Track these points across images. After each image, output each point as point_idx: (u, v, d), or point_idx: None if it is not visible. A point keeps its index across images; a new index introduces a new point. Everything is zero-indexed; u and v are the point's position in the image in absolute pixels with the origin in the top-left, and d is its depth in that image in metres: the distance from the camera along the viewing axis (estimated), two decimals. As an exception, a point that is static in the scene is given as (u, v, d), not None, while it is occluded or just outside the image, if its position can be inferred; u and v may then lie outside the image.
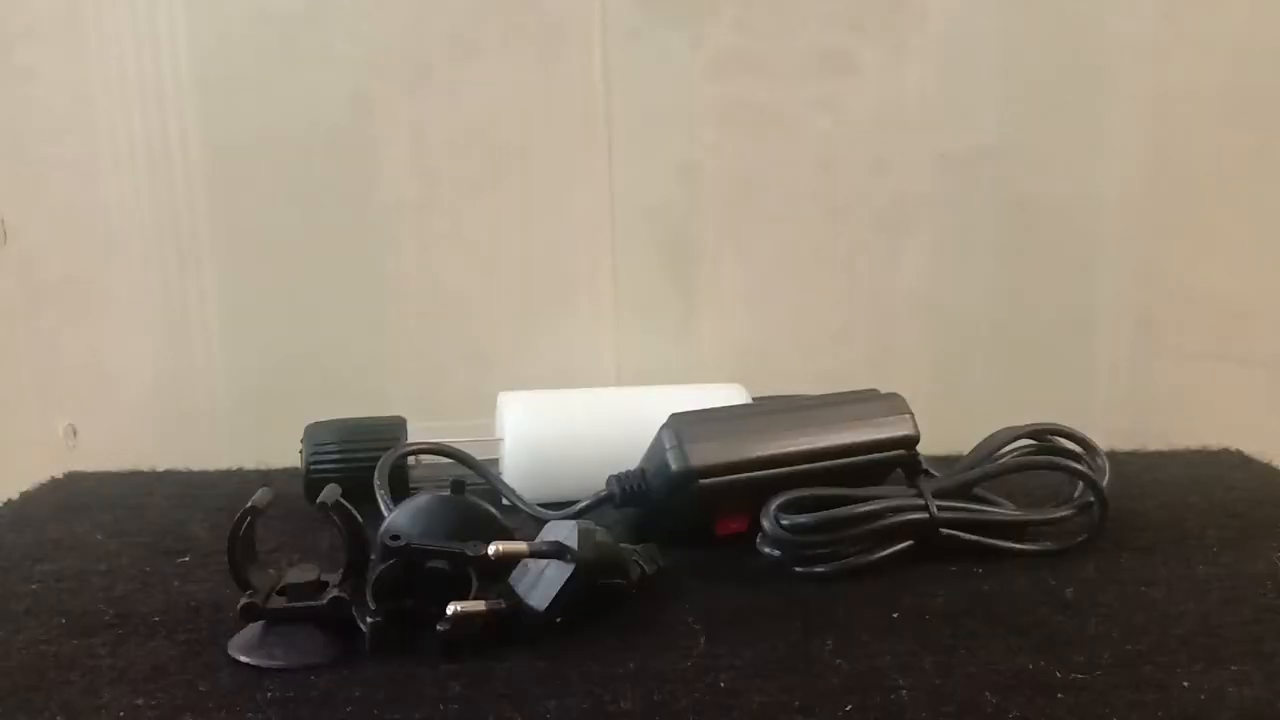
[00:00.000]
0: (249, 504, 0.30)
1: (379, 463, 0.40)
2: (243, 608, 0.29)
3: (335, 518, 0.30)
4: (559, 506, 0.40)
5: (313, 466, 0.43)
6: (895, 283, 0.56)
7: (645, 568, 0.33)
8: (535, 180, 0.55)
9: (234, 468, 0.51)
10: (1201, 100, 0.54)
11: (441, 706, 0.26)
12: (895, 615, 0.31)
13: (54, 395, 0.56)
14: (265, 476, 0.49)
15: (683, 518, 0.37)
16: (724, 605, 0.32)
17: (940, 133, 0.55)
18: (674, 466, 0.35)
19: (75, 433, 0.56)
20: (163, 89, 0.53)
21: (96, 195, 0.54)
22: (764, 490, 0.35)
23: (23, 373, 0.56)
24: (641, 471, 0.37)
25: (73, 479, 0.50)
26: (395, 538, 0.29)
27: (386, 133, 0.54)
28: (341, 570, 0.30)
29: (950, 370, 0.56)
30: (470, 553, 0.29)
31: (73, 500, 0.46)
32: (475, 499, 0.32)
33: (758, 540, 0.35)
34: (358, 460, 0.42)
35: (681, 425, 0.36)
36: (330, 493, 0.30)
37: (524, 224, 0.55)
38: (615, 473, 0.38)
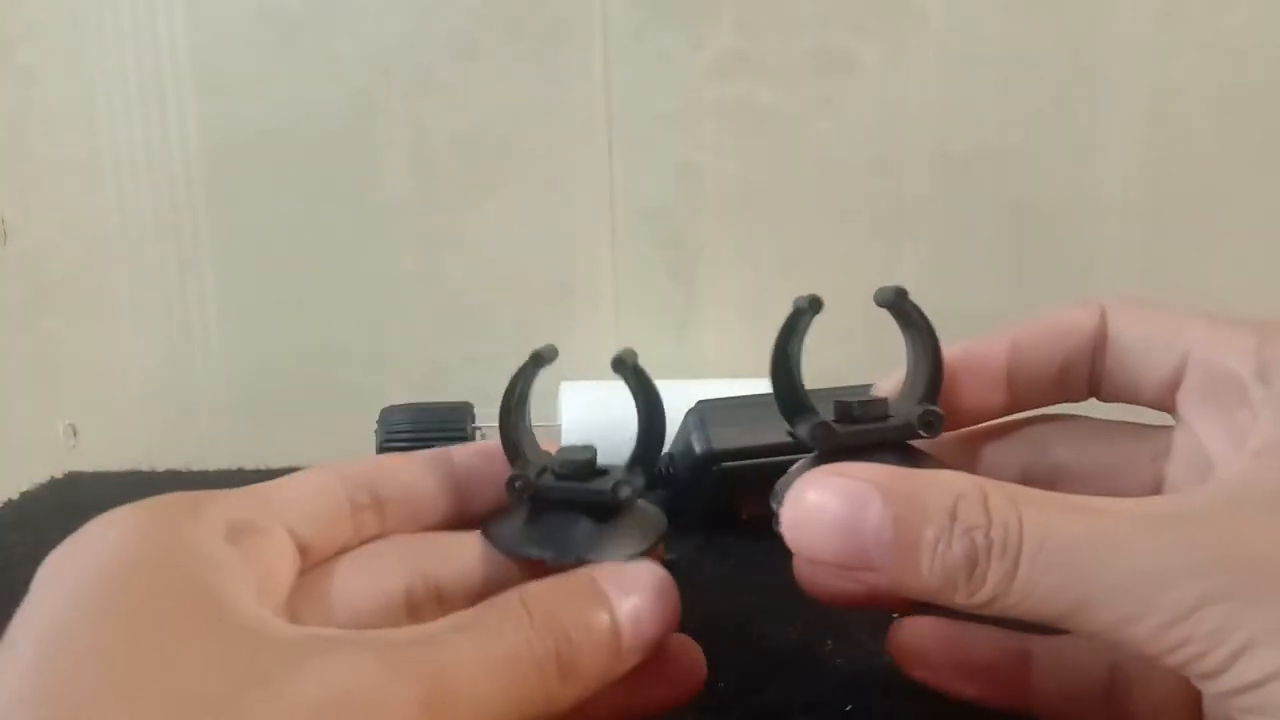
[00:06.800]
0: (534, 352, 0.25)
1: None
2: (511, 482, 0.24)
3: (631, 381, 0.25)
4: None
5: (385, 444, 0.45)
6: (895, 283, 0.56)
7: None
8: (535, 180, 0.55)
9: (234, 468, 0.51)
10: (1201, 100, 0.54)
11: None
12: (895, 615, 0.31)
13: (54, 395, 0.56)
14: (266, 476, 0.49)
15: (707, 501, 0.37)
16: (724, 604, 0.32)
17: (940, 133, 0.55)
18: (697, 449, 0.36)
19: (75, 433, 0.57)
20: (163, 89, 0.53)
21: (97, 195, 0.54)
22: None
23: (23, 373, 0.56)
24: (670, 455, 0.38)
25: (72, 479, 0.50)
26: None
27: (386, 133, 0.54)
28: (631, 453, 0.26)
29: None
30: None
31: (73, 500, 0.46)
32: None
33: (773, 523, 0.35)
34: (428, 441, 0.43)
35: (707, 410, 0.37)
36: (629, 353, 0.26)
37: (524, 224, 0.55)
38: None
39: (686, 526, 0.37)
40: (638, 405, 0.25)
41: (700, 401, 0.38)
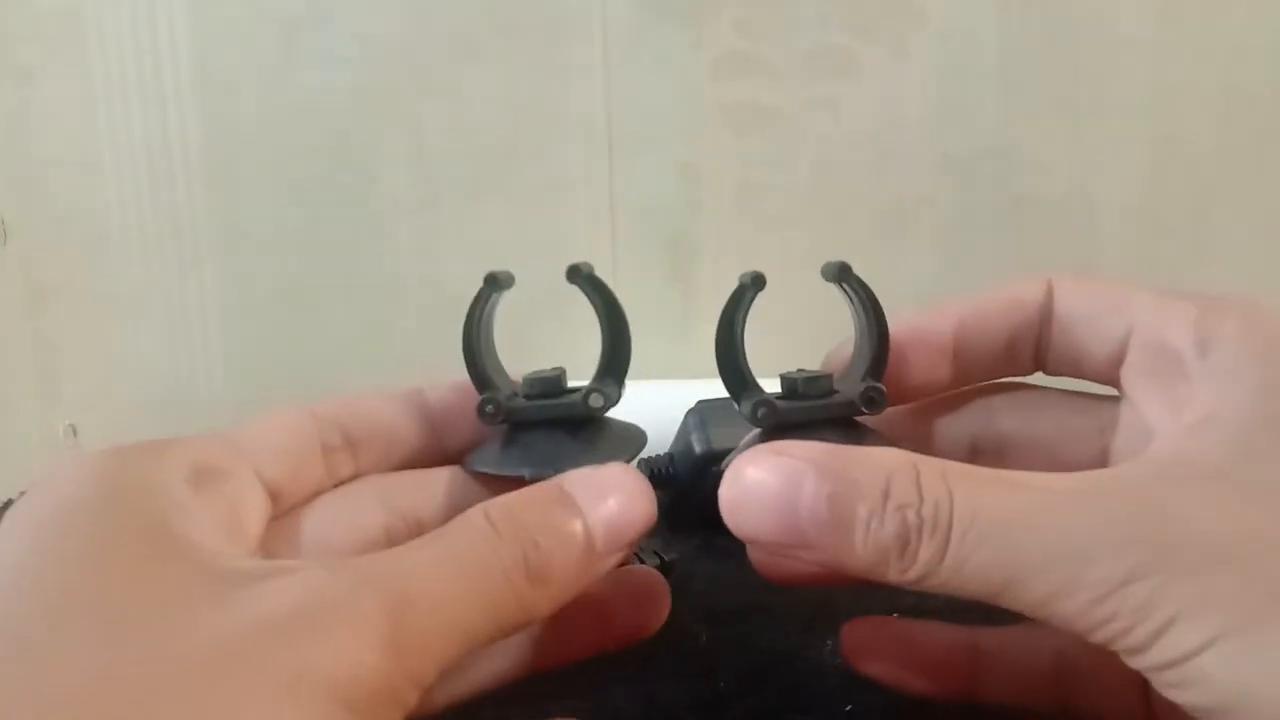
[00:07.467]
0: (489, 274, 0.25)
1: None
2: (481, 406, 0.25)
3: (587, 290, 0.26)
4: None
5: None
6: (895, 283, 0.55)
7: (645, 564, 0.33)
8: (535, 180, 0.55)
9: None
10: (1201, 100, 0.54)
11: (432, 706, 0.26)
12: (895, 615, 0.31)
13: (54, 395, 0.56)
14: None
15: (707, 500, 0.37)
16: (724, 604, 0.32)
17: (940, 133, 0.55)
18: (697, 449, 0.36)
19: (75, 433, 0.56)
20: (163, 89, 0.53)
21: (96, 195, 0.54)
22: None
23: (23, 373, 0.56)
24: (670, 456, 0.39)
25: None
26: None
27: (386, 133, 0.54)
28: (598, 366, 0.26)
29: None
30: None
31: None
32: None
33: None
34: None
35: (707, 410, 0.37)
36: (584, 264, 0.26)
37: (524, 224, 0.55)
38: (645, 456, 0.39)
39: (686, 526, 0.37)
40: (599, 314, 0.25)
41: (700, 401, 0.38)
